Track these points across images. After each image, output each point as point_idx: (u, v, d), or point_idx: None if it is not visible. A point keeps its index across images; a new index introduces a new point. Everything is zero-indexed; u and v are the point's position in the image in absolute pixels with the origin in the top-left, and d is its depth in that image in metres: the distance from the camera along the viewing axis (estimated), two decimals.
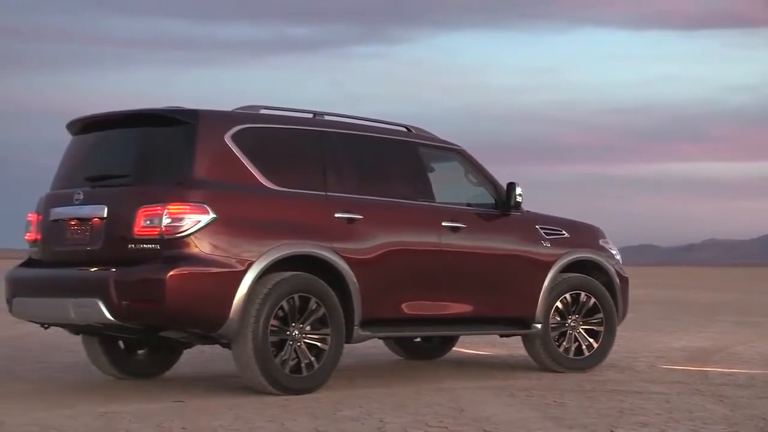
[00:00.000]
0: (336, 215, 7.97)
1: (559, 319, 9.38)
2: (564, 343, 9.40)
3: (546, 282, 9.21)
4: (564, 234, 9.48)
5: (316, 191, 7.97)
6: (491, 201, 9.13)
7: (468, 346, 11.62)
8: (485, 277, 8.87)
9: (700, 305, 24.53)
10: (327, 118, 8.45)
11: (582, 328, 9.50)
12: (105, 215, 7.52)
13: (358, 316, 7.96)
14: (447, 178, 9.12)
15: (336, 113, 8.53)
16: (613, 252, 9.94)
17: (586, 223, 9.92)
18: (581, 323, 9.49)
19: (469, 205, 9.07)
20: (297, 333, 7.65)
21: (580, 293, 9.45)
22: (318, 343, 7.74)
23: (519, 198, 9.07)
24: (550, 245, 9.31)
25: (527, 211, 9.34)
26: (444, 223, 8.62)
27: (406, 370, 9.73)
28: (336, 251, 7.85)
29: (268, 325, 7.47)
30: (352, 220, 8.03)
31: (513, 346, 11.09)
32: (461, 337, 10.84)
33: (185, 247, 7.25)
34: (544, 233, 9.32)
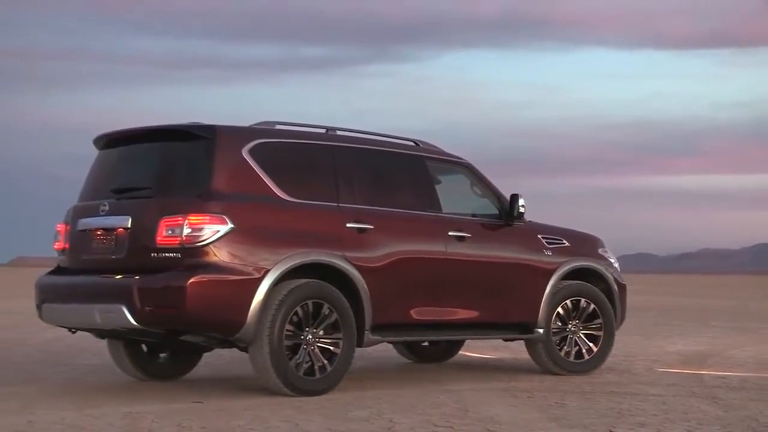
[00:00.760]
0: (347, 225, 7.97)
1: (560, 324, 9.36)
2: (565, 347, 9.38)
3: (548, 289, 9.20)
4: (565, 243, 9.47)
5: (328, 202, 7.99)
6: (495, 212, 9.12)
7: (473, 349, 11.60)
8: (490, 284, 8.87)
9: (694, 311, 24.44)
10: (339, 133, 8.46)
11: (582, 332, 9.48)
12: (129, 225, 7.54)
13: (368, 321, 7.95)
14: (453, 189, 9.12)
15: (347, 128, 8.54)
16: (612, 260, 9.92)
17: (585, 233, 9.91)
18: (581, 328, 9.47)
19: (474, 216, 9.07)
20: (311, 337, 7.65)
21: (580, 299, 9.44)
22: (330, 347, 7.74)
23: (522, 209, 9.06)
24: (551, 254, 9.30)
25: (530, 222, 9.34)
26: (450, 233, 8.62)
27: (414, 372, 9.72)
28: (347, 259, 7.86)
29: (283, 330, 7.48)
30: (362, 229, 8.03)
31: (516, 349, 11.07)
32: (467, 341, 10.82)
33: (205, 256, 7.26)
34: (545, 242, 9.31)
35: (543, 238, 9.31)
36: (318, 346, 7.68)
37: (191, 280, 7.15)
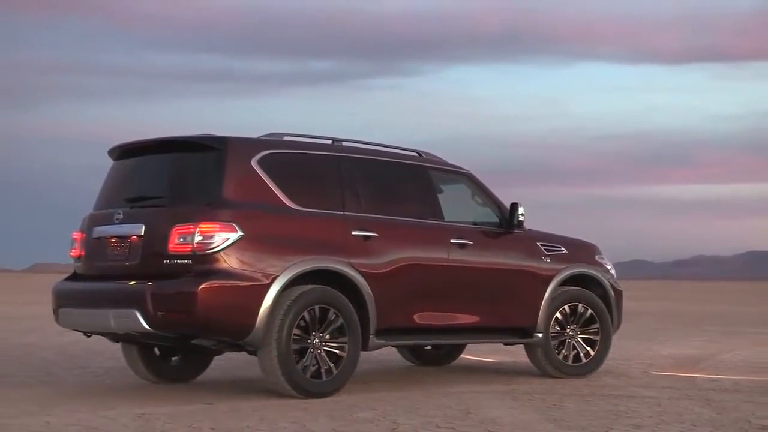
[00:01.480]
0: (353, 233, 7.97)
1: (559, 329, 9.34)
2: (563, 351, 9.36)
3: (546, 294, 9.18)
4: (563, 250, 9.45)
5: (334, 211, 7.98)
6: (496, 220, 9.11)
7: (474, 353, 11.58)
8: (490, 290, 8.85)
9: (689, 316, 24.39)
10: (344, 144, 8.46)
11: (580, 337, 9.46)
12: (142, 233, 7.54)
13: (373, 325, 7.94)
14: (455, 198, 9.11)
15: (353, 139, 8.54)
16: (608, 267, 9.90)
17: (583, 240, 9.89)
18: (579, 332, 9.45)
19: (476, 224, 9.05)
20: (317, 341, 7.64)
21: (578, 305, 9.42)
22: (337, 351, 7.73)
23: (521, 217, 9.05)
24: (550, 261, 9.28)
25: (529, 229, 9.32)
26: (452, 240, 8.61)
27: (417, 375, 9.70)
28: (353, 266, 7.85)
29: (290, 334, 7.47)
30: (367, 237, 8.03)
31: (516, 353, 11.05)
32: (468, 345, 10.81)
33: (215, 263, 7.26)
34: (544, 249, 9.29)
35: (542, 245, 9.30)
36: (324, 349, 7.67)
37: (202, 286, 7.14)
